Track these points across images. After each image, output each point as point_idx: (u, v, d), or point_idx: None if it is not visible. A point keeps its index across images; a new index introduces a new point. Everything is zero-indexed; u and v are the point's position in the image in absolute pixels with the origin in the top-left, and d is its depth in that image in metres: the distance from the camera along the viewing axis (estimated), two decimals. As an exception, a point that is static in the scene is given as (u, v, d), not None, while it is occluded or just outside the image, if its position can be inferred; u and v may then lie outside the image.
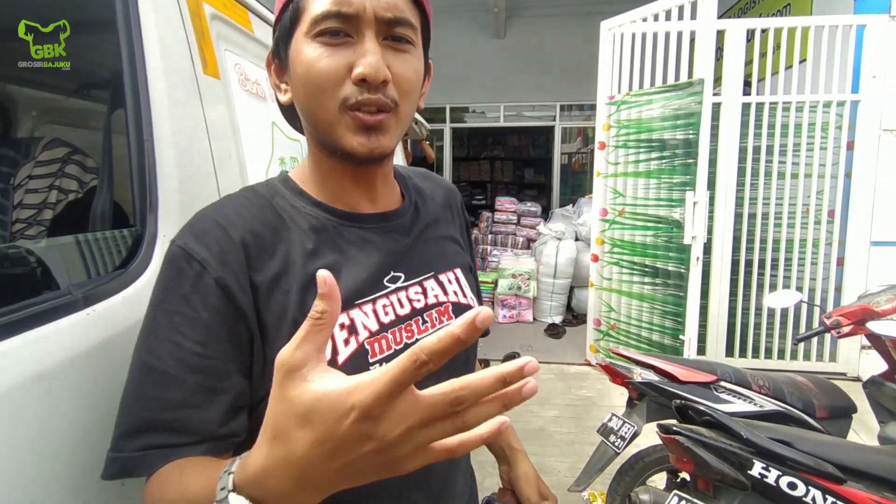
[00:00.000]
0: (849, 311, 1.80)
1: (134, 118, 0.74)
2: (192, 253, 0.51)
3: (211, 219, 0.55)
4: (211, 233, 0.53)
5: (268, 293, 0.53)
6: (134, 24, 0.76)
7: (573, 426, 2.83)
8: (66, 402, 0.56)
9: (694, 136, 2.83)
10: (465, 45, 7.30)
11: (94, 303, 0.62)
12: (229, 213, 0.55)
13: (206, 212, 0.56)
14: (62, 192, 0.92)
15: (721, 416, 1.35)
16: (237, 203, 0.58)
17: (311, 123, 0.57)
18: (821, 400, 1.72)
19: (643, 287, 3.22)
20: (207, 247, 0.52)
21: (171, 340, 0.49)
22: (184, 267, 0.51)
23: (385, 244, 0.61)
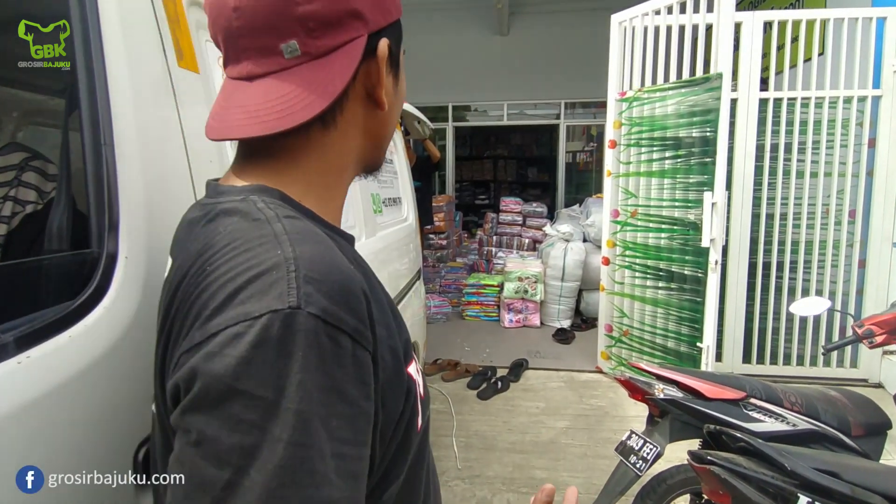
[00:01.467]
0: (882, 319, 1.68)
1: (90, 118, 0.63)
2: (338, 324, 0.36)
3: (336, 266, 0.40)
4: (347, 286, 0.39)
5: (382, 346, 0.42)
6: (90, 7, 0.64)
7: (585, 438, 2.71)
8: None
9: (711, 133, 2.70)
10: (467, 42, 7.18)
11: (30, 346, 0.50)
12: (333, 252, 0.41)
13: (311, 252, 0.39)
14: (18, 204, 0.81)
15: (760, 444, 1.22)
16: (316, 232, 0.43)
17: (384, 137, 0.56)
18: (856, 417, 1.60)
19: (657, 292, 3.09)
20: (353, 310, 0.38)
21: (336, 455, 0.35)
22: (328, 346, 0.35)
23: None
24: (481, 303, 4.77)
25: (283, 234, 0.40)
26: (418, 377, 0.49)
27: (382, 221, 2.18)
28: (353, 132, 0.51)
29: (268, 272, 0.37)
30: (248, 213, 0.43)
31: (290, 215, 0.43)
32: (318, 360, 0.35)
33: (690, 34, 2.91)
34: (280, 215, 0.42)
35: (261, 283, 0.36)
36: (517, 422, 2.90)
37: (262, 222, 0.41)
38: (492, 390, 3.24)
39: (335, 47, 0.46)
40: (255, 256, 0.38)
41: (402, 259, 2.45)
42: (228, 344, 0.34)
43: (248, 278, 0.37)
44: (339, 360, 0.36)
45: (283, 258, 0.37)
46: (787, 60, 3.18)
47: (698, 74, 2.86)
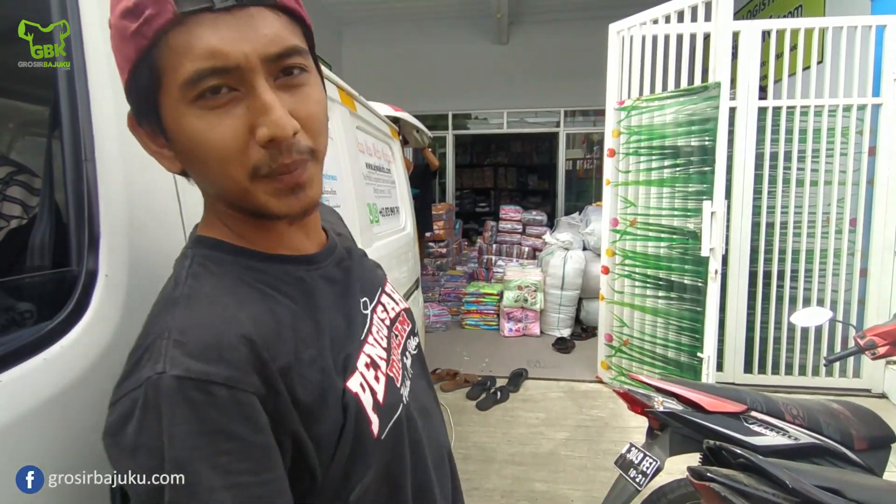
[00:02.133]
0: (884, 330, 1.66)
1: (71, 133, 0.61)
2: (206, 377, 0.40)
3: (203, 325, 0.43)
4: (216, 341, 0.42)
5: (298, 374, 0.46)
6: (72, 20, 0.63)
7: (585, 450, 2.67)
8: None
9: (710, 142, 2.69)
10: (467, 51, 7.20)
11: (2, 370, 0.48)
12: (216, 308, 0.45)
13: (186, 317, 0.43)
14: (2, 219, 0.79)
15: (760, 460, 1.20)
16: (212, 288, 0.47)
17: (220, 193, 0.50)
18: (859, 430, 1.58)
19: (657, 301, 3.07)
20: (225, 360, 0.41)
21: (231, 485, 0.40)
22: (201, 400, 0.39)
23: (344, 276, 0.60)
24: (481, 311, 4.75)
25: (178, 300, 0.45)
26: (376, 386, 0.53)
27: (379, 231, 2.16)
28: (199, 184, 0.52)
29: (153, 344, 0.42)
30: (173, 275, 0.49)
31: (198, 272, 0.48)
32: (191, 411, 0.39)
33: (688, 43, 2.91)
34: (190, 274, 0.47)
35: (147, 354, 0.41)
36: (516, 433, 2.87)
37: (173, 288, 0.47)
38: (491, 401, 3.21)
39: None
40: (153, 326, 0.44)
41: (400, 268, 2.44)
42: (121, 413, 0.40)
43: (143, 348, 0.42)
44: (215, 407, 0.39)
45: (164, 327, 0.42)
46: (787, 69, 3.17)
47: (697, 83, 2.86)
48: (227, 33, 0.42)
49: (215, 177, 0.47)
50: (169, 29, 0.41)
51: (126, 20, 0.42)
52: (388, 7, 6.63)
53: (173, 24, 0.41)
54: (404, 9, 6.73)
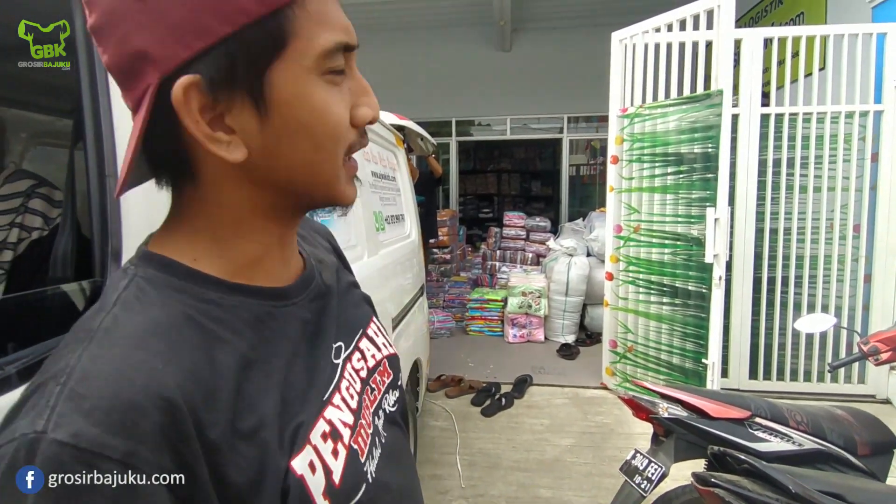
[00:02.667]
0: (887, 336, 1.67)
1: (95, 150, 0.64)
2: (98, 449, 0.30)
3: (114, 375, 0.33)
4: (126, 401, 0.32)
5: (231, 449, 0.37)
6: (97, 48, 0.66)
7: (591, 456, 2.68)
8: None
9: (713, 149, 2.71)
10: (471, 58, 7.26)
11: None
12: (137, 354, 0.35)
13: (95, 360, 0.33)
14: (25, 230, 0.82)
15: (764, 466, 1.21)
16: (141, 325, 0.37)
17: (306, 180, 0.43)
18: (862, 435, 1.58)
19: (661, 307, 3.08)
20: (128, 430, 0.31)
21: None
22: (83, 480, 0.30)
23: (317, 316, 0.50)
24: (485, 318, 4.76)
25: (93, 333, 0.35)
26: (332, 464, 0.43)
27: (385, 239, 2.19)
28: (230, 184, 0.42)
29: (45, 384, 0.33)
30: (103, 295, 0.40)
31: (130, 300, 0.38)
32: (64, 494, 0.29)
33: (691, 51, 2.93)
34: (121, 300, 0.38)
35: (35, 397, 0.32)
36: (521, 439, 2.88)
37: (97, 313, 0.38)
38: (496, 407, 3.22)
39: (138, 102, 0.38)
40: (54, 361, 0.35)
41: (405, 275, 2.46)
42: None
43: (31, 389, 0.33)
44: (100, 494, 0.30)
45: (64, 367, 0.33)
46: (788, 76, 3.19)
47: (699, 91, 2.88)
48: (341, 13, 0.42)
49: (320, 157, 0.42)
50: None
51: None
52: (391, 15, 6.70)
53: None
54: (408, 16, 6.79)
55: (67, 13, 0.66)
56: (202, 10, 0.36)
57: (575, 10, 6.60)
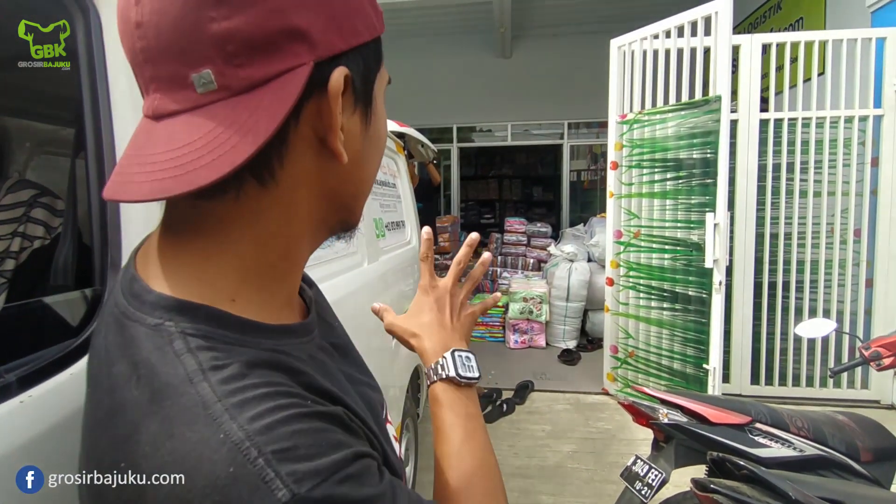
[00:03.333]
0: (888, 341, 1.66)
1: (96, 160, 0.65)
2: (339, 467, 0.32)
3: (286, 419, 0.32)
4: (314, 429, 0.33)
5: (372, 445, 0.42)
6: (97, 52, 0.67)
7: (592, 462, 2.67)
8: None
9: (712, 154, 2.72)
10: (471, 65, 7.30)
11: (32, 385, 0.52)
12: (279, 397, 0.33)
13: (254, 421, 0.31)
14: (27, 239, 0.83)
15: (763, 472, 1.21)
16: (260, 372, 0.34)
17: (355, 196, 0.44)
18: (864, 441, 1.58)
19: (662, 313, 3.08)
20: (336, 442, 0.34)
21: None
22: (351, 488, 0.32)
23: (331, 343, 0.50)
24: (486, 323, 4.76)
25: (211, 405, 0.31)
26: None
27: (385, 245, 2.20)
28: (304, 192, 0.39)
29: (236, 474, 0.29)
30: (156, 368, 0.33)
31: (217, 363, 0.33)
32: (357, 494, 0.32)
33: (689, 57, 2.95)
34: (203, 367, 0.33)
35: (227, 491, 0.29)
36: (523, 445, 2.87)
37: (177, 389, 0.32)
38: (497, 413, 3.21)
39: (265, 79, 0.34)
40: (192, 452, 0.30)
41: (406, 280, 2.47)
42: None
43: (204, 489, 0.29)
44: (368, 482, 0.34)
45: (235, 441, 0.30)
46: (787, 81, 3.20)
47: (698, 97, 2.89)
48: None
49: (370, 175, 0.46)
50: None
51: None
52: (392, 23, 6.74)
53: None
54: (409, 24, 6.83)
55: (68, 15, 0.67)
56: (356, 12, 0.38)
57: (574, 17, 6.64)
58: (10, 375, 0.50)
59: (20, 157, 1.77)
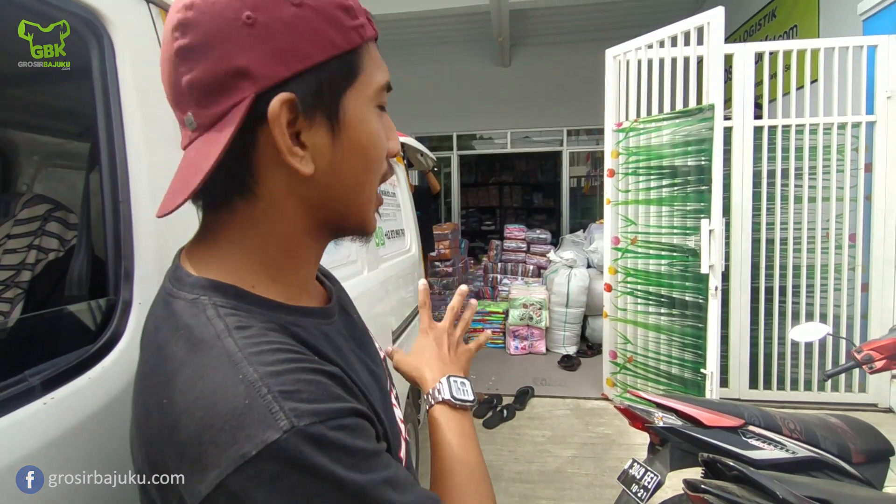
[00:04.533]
0: (880, 344, 1.70)
1: (109, 178, 0.70)
2: (334, 414, 0.38)
3: (291, 370, 0.39)
4: (315, 380, 0.40)
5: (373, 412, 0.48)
6: (110, 74, 0.72)
7: (592, 467, 2.69)
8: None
9: (706, 162, 2.76)
10: (471, 74, 7.38)
11: (55, 388, 0.56)
12: (287, 354, 0.41)
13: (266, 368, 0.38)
14: (42, 252, 0.88)
15: (752, 472, 1.24)
16: (267, 337, 0.41)
17: (350, 200, 0.48)
18: (856, 443, 1.60)
19: (660, 318, 3.11)
20: (336, 396, 0.40)
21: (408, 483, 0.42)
22: (341, 437, 0.38)
23: (351, 329, 0.58)
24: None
25: (236, 352, 0.38)
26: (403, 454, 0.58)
27: (385, 253, 2.24)
28: (289, 202, 0.46)
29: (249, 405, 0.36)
30: (193, 329, 0.41)
31: (241, 325, 0.41)
32: (343, 451, 0.37)
33: (682, 66, 3.00)
34: (229, 327, 0.40)
35: (250, 416, 0.35)
36: (523, 451, 2.89)
37: (210, 343, 0.39)
38: (497, 419, 3.24)
39: (222, 115, 0.41)
40: (217, 389, 0.37)
41: (406, 288, 2.51)
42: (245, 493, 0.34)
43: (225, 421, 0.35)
44: (360, 435, 0.40)
45: (249, 383, 0.36)
46: (780, 88, 3.25)
47: (692, 105, 2.94)
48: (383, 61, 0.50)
49: (368, 178, 0.49)
50: (370, 41, 0.47)
51: (340, 12, 0.44)
52: (393, 33, 6.83)
53: (372, 40, 0.48)
54: (409, 35, 6.92)
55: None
56: (304, 38, 0.42)
57: (571, 25, 6.72)
58: (33, 379, 0.54)
59: (28, 169, 1.82)
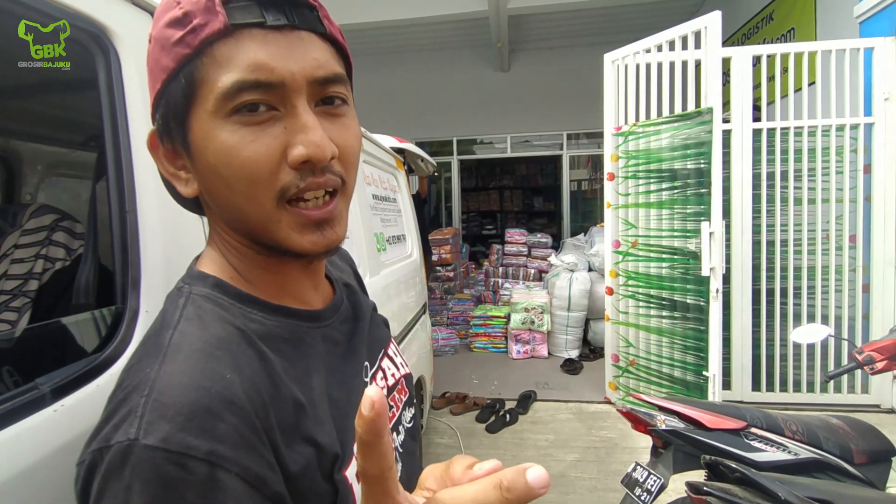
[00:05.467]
0: (881, 345, 1.70)
1: (116, 188, 0.71)
2: (185, 450, 0.34)
3: (190, 385, 0.37)
4: (203, 407, 0.36)
5: (289, 448, 0.41)
6: (116, 85, 0.73)
7: (595, 471, 2.69)
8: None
9: (705, 165, 2.77)
10: (470, 79, 7.41)
11: (64, 396, 0.57)
12: (208, 365, 0.39)
13: (171, 373, 0.38)
14: (49, 261, 0.89)
15: (754, 473, 1.24)
16: (206, 340, 0.41)
17: (239, 219, 0.45)
18: (858, 444, 1.61)
19: (661, 321, 3.11)
20: (207, 432, 0.35)
21: None
22: (175, 477, 0.34)
23: (347, 337, 0.54)
24: (489, 334, 4.80)
25: (164, 349, 0.40)
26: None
27: (386, 259, 2.25)
28: (212, 216, 0.50)
29: (129, 396, 0.37)
30: (163, 313, 0.45)
31: (192, 317, 0.43)
32: (163, 490, 0.33)
33: (681, 70, 3.02)
34: (184, 318, 0.42)
35: (122, 409, 0.36)
36: (526, 455, 2.89)
37: (163, 329, 0.42)
38: (500, 423, 3.24)
39: None
40: (134, 372, 0.39)
41: (408, 293, 2.52)
42: (90, 473, 0.35)
43: (119, 399, 0.38)
44: (191, 488, 0.34)
45: (144, 379, 0.37)
46: (779, 91, 3.27)
47: (690, 108, 2.95)
48: (275, 50, 0.41)
49: (238, 199, 0.43)
50: (216, 40, 0.40)
51: (171, 29, 0.41)
52: (392, 39, 6.87)
53: (221, 36, 0.40)
54: (408, 41, 6.96)
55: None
56: (152, 72, 0.44)
57: (570, 30, 6.76)
58: (44, 386, 0.56)
59: (32, 179, 1.84)
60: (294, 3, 0.42)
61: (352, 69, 0.49)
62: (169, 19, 0.41)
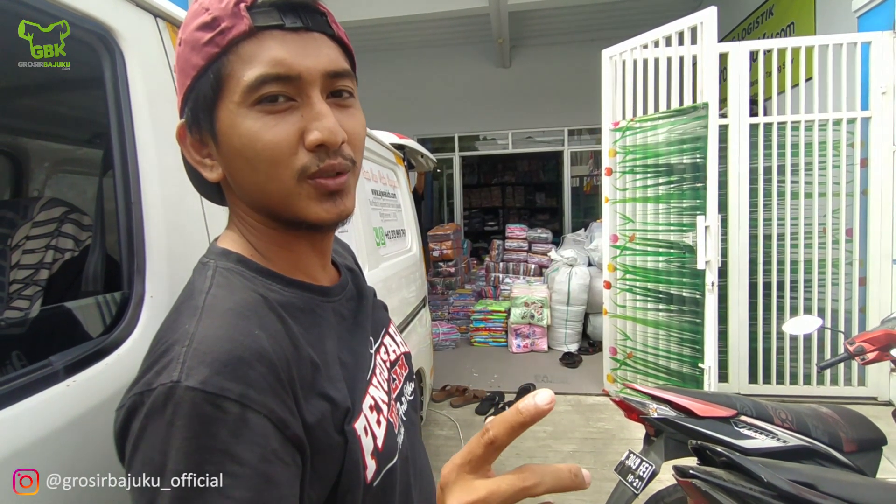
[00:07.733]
0: (872, 336, 1.74)
1: (122, 180, 0.75)
2: (221, 392, 0.39)
3: (225, 337, 0.43)
4: (237, 356, 0.42)
5: (307, 401, 0.46)
6: (122, 84, 0.77)
7: (592, 461, 2.74)
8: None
9: (702, 159, 2.80)
10: (471, 76, 7.44)
11: (76, 373, 0.61)
12: (239, 322, 0.45)
13: (208, 327, 0.43)
14: (58, 252, 0.93)
15: (739, 457, 1.28)
16: (236, 302, 0.47)
17: (261, 198, 0.51)
18: (848, 432, 1.64)
19: (658, 314, 3.15)
20: (240, 377, 0.41)
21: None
22: (212, 415, 0.39)
23: (353, 314, 0.61)
24: (489, 329, 4.84)
25: (200, 308, 0.45)
26: (377, 430, 0.52)
27: (386, 253, 2.29)
28: (233, 199, 0.55)
29: (171, 348, 0.42)
30: (192, 282, 0.51)
31: (222, 284, 0.49)
32: (201, 426, 0.38)
33: (678, 66, 3.04)
34: (214, 284, 0.48)
35: (165, 358, 0.41)
36: (525, 446, 2.94)
37: (196, 294, 0.48)
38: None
39: None
40: (173, 330, 0.44)
41: (408, 287, 2.57)
42: (131, 414, 0.41)
43: (160, 352, 0.42)
44: (225, 425, 0.39)
45: (184, 333, 0.43)
46: (776, 86, 3.28)
47: (687, 104, 2.98)
48: (293, 48, 0.47)
49: (261, 178, 0.49)
50: (241, 40, 0.46)
51: (201, 32, 0.47)
52: (394, 36, 6.90)
53: (246, 36, 0.46)
54: (410, 37, 6.99)
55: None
56: (182, 71, 0.50)
57: (570, 26, 6.77)
58: (57, 364, 0.60)
59: (40, 175, 1.89)
60: (308, 9, 0.49)
61: (356, 67, 0.55)
62: (199, 24, 0.48)
